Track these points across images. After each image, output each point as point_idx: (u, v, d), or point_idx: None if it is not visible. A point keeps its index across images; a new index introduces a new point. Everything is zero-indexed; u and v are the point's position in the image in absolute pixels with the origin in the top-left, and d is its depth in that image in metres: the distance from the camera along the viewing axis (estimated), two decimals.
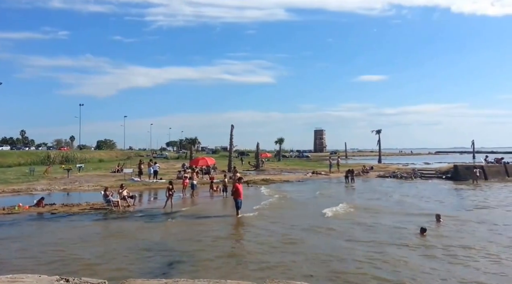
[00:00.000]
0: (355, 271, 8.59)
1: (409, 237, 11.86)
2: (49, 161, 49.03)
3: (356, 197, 22.97)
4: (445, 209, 17.08)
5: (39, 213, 16.17)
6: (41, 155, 55.79)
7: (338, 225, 13.80)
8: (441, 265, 9.01)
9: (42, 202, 17.47)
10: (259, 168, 45.05)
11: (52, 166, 41.52)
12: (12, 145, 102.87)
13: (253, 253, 10.11)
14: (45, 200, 18.17)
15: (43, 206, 17.21)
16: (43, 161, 49.83)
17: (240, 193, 15.68)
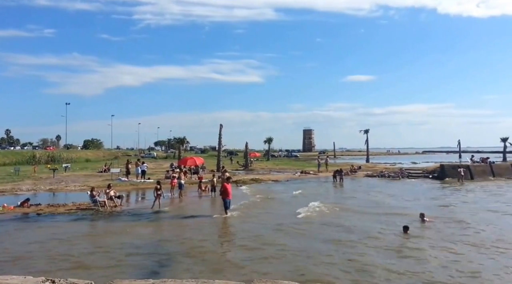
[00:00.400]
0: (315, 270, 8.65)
1: (384, 237, 12.00)
2: (35, 161, 48.22)
3: (339, 195, 23.23)
4: (426, 209, 17.28)
5: (24, 214, 15.91)
6: (26, 154, 54.88)
7: (309, 225, 13.88)
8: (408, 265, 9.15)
9: (27, 203, 17.18)
10: (248, 167, 45.03)
11: (38, 166, 40.86)
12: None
13: (236, 253, 10.11)
14: (31, 200, 17.86)
15: (28, 207, 16.93)
16: (29, 161, 49.02)
17: (228, 193, 15.66)
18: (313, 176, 36.57)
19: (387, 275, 8.23)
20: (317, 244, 11.01)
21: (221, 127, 41.25)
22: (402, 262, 9.23)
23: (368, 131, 68.55)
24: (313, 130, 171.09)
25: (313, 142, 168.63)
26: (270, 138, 76.74)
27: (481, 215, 16.02)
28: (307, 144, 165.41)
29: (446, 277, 8.13)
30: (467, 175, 32.80)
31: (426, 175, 35.35)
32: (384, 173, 37.17)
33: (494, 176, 33.96)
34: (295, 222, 14.21)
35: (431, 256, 9.68)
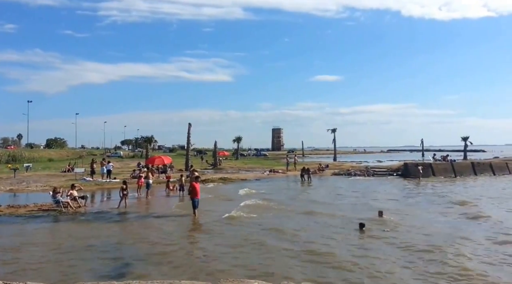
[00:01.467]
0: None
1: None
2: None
3: (293, 194, 23.59)
4: (386, 206, 17.93)
5: None
6: None
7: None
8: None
9: None
10: (217, 166, 44.86)
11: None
12: None
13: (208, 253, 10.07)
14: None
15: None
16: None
17: (197, 192, 15.51)
18: (281, 175, 36.92)
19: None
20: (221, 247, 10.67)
21: (189, 126, 40.85)
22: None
23: (335, 130, 70.14)
24: (282, 129, 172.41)
25: (282, 141, 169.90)
26: (239, 137, 76.84)
27: (432, 212, 16.69)
28: (276, 143, 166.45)
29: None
30: (428, 173, 34.19)
31: (391, 173, 36.51)
32: (351, 171, 38.07)
33: (455, 174, 35.46)
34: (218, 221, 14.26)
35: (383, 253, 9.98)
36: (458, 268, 8.57)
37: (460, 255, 9.57)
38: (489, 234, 12.01)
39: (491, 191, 24.18)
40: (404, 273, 8.34)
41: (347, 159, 72.46)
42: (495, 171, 36.97)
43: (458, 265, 8.79)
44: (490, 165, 38.48)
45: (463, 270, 8.44)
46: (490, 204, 18.78)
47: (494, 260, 9.32)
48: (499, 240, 11.31)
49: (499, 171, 37.16)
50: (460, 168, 36.84)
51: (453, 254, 9.68)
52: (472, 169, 36.84)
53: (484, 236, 11.74)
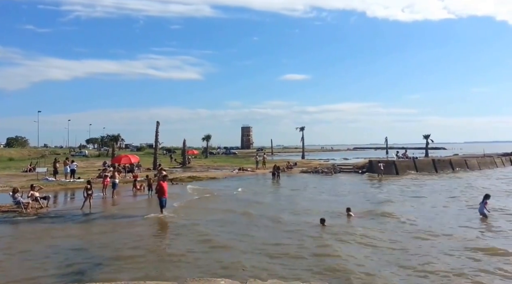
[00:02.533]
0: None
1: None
2: None
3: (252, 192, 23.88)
4: (348, 203, 18.46)
5: None
6: None
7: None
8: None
9: None
10: (186, 165, 44.44)
11: None
12: None
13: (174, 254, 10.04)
14: None
15: None
16: None
17: (164, 191, 15.35)
18: (251, 173, 37.08)
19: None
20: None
21: (158, 124, 40.21)
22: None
23: (303, 128, 71.16)
24: (251, 127, 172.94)
25: (251, 139, 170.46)
26: (209, 136, 76.43)
27: (398, 209, 17.41)
28: (245, 141, 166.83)
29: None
30: (391, 170, 35.43)
31: (356, 171, 37.50)
32: (318, 169, 38.76)
33: (417, 170, 36.83)
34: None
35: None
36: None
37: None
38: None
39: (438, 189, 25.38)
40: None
41: (315, 157, 73.70)
42: (455, 167, 38.80)
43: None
44: (450, 162, 40.34)
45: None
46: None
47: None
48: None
49: (458, 167, 39.04)
50: (422, 165, 38.35)
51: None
52: (433, 166, 38.47)
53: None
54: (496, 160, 46.21)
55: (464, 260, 9.09)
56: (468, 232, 11.99)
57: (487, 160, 44.91)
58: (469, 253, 9.59)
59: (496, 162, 45.58)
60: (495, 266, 8.56)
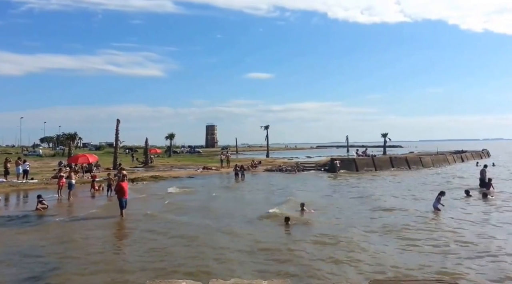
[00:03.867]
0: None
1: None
2: None
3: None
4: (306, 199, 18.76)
5: None
6: None
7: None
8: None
9: None
10: (148, 164, 43.45)
11: None
12: None
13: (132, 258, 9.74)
14: None
15: None
16: None
17: (124, 192, 14.89)
18: (215, 172, 36.83)
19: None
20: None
21: (118, 122, 39.04)
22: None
23: (268, 127, 71.61)
24: (216, 126, 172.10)
25: (216, 138, 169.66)
26: (172, 134, 75.13)
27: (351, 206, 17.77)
28: (210, 140, 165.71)
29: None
30: (352, 167, 36.46)
31: (319, 168, 38.25)
32: (282, 167, 39.16)
33: (376, 168, 38.12)
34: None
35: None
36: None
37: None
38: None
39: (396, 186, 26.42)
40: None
41: (279, 155, 74.40)
42: (410, 165, 40.45)
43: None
44: (406, 159, 42.02)
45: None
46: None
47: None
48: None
49: (413, 165, 40.73)
50: (380, 163, 39.72)
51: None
52: (390, 163, 39.94)
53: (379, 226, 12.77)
54: (448, 158, 48.68)
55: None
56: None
57: (440, 158, 47.20)
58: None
59: (448, 159, 48.03)
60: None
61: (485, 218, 14.01)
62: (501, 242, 10.46)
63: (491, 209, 15.90)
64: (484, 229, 12.09)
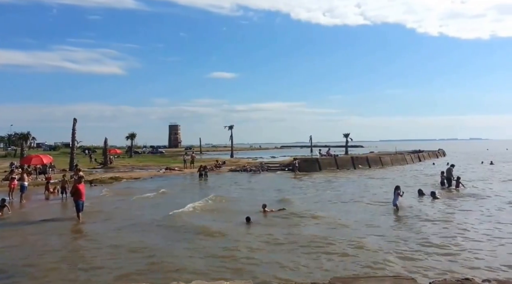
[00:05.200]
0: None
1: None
2: None
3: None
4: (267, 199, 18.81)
5: None
6: None
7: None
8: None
9: None
10: (107, 165, 41.92)
11: None
12: None
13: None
14: None
15: None
16: None
17: (81, 194, 14.20)
18: (178, 173, 36.12)
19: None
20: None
21: (75, 121, 37.40)
22: None
23: (232, 127, 71.27)
24: (179, 125, 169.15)
25: (180, 137, 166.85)
26: (133, 134, 73.06)
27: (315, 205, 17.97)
28: (173, 140, 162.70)
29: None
30: (315, 167, 37.01)
31: (283, 168, 38.48)
32: (247, 167, 39.06)
33: (338, 167, 38.88)
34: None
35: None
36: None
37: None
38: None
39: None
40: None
41: (243, 155, 74.26)
42: (371, 164, 41.67)
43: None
44: (367, 159, 43.25)
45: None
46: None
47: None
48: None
49: (373, 164, 41.99)
50: (342, 162, 40.62)
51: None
52: (352, 163, 40.92)
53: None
54: (406, 157, 50.62)
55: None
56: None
57: (398, 157, 49.00)
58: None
59: (406, 159, 49.95)
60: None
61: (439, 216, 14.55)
62: (459, 240, 10.88)
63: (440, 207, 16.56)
64: (441, 227, 12.53)
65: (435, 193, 18.61)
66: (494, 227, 12.09)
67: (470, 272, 7.81)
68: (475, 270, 8.06)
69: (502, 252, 9.35)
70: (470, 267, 8.29)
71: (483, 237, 10.86)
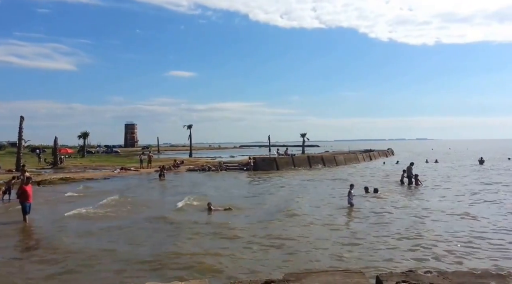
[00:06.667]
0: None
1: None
2: None
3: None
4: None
5: None
6: None
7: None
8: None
9: None
10: (58, 165, 40.13)
11: None
12: None
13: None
14: None
15: None
16: None
17: (28, 196, 13.65)
18: (134, 173, 35.29)
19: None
20: None
21: (22, 119, 35.46)
22: None
23: (191, 126, 70.48)
24: (136, 124, 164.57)
25: (136, 137, 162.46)
26: (86, 133, 70.16)
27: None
28: (129, 139, 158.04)
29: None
30: (272, 166, 37.61)
31: (241, 168, 38.70)
32: (205, 167, 38.91)
33: (295, 166, 39.68)
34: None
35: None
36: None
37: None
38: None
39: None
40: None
41: (202, 155, 73.80)
42: (326, 163, 42.98)
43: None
44: (322, 158, 44.55)
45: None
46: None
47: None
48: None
49: (328, 163, 43.33)
50: (299, 161, 41.57)
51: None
52: (308, 162, 42.02)
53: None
54: (358, 156, 52.71)
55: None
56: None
57: (351, 156, 50.90)
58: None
59: (358, 158, 52.02)
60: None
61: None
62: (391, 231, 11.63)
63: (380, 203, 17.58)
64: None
65: (377, 190, 19.74)
66: (429, 222, 13.07)
67: (414, 264, 8.34)
68: (419, 262, 8.70)
69: (442, 245, 10.10)
70: (414, 259, 8.90)
71: (421, 231, 11.68)
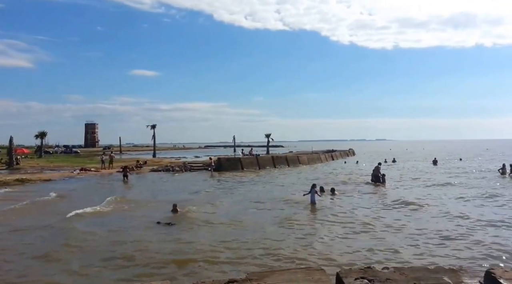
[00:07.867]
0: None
1: None
2: None
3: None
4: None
5: None
6: None
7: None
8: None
9: None
10: (13, 166, 38.42)
11: None
12: None
13: None
14: None
15: None
16: None
17: None
18: (94, 173, 34.44)
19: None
20: None
21: None
22: None
23: (155, 126, 69.47)
24: (97, 124, 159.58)
25: (97, 137, 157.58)
26: (43, 132, 67.31)
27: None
28: (90, 139, 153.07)
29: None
30: (237, 166, 37.95)
31: (206, 168, 38.66)
32: (169, 167, 38.61)
33: (259, 166, 40.17)
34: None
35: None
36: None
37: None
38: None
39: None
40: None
41: (166, 155, 72.81)
42: (290, 163, 43.85)
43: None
44: (286, 158, 45.43)
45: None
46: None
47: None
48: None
49: (292, 163, 44.24)
50: (263, 162, 42.15)
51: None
52: (272, 162, 42.72)
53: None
54: (321, 156, 54.12)
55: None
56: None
57: (314, 157, 52.20)
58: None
59: (321, 158, 53.43)
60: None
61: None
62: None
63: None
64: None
65: (334, 190, 20.57)
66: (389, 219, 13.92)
67: (371, 262, 8.61)
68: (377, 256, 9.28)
69: (398, 241, 10.75)
70: (373, 256, 9.32)
71: (377, 228, 12.44)
